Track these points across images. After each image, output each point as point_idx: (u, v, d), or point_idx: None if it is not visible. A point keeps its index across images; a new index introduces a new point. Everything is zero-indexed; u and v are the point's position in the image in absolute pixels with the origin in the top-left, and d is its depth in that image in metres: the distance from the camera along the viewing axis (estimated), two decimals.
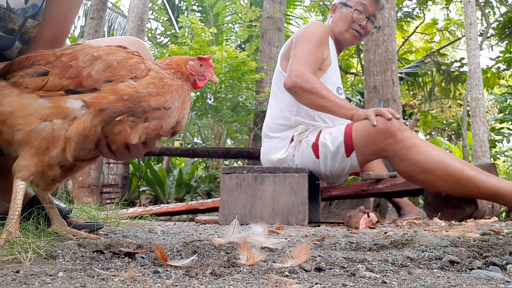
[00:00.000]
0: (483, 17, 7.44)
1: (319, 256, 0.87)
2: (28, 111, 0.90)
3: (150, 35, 10.20)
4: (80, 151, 0.96)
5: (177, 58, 1.04)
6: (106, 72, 0.92)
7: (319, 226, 1.92)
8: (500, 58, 7.87)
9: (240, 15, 7.67)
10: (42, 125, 0.90)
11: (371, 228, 1.74)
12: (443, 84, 8.67)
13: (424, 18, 8.99)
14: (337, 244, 1.14)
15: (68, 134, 0.90)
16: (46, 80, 0.92)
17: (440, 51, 9.27)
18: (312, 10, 8.58)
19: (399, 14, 8.46)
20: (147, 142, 1.00)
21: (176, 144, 5.21)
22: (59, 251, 0.84)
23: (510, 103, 6.24)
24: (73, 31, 10.53)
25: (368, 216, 1.79)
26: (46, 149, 0.91)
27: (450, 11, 8.88)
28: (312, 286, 0.60)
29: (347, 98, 7.54)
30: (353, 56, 9.35)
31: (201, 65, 1.07)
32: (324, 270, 0.72)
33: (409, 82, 8.58)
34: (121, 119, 0.92)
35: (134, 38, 1.34)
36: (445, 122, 9.14)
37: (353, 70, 9.97)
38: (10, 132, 0.91)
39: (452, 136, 9.90)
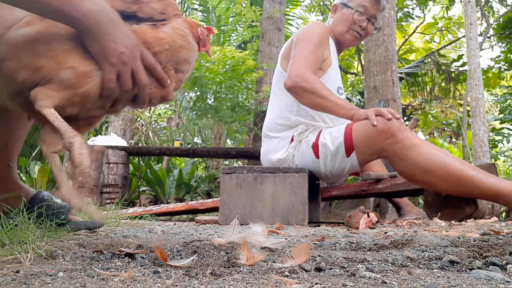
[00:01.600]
0: (483, 18, 7.43)
1: (319, 256, 0.87)
2: None
3: None
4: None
5: (190, 20, 1.06)
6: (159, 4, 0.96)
7: (319, 226, 1.92)
8: (501, 58, 7.87)
9: (241, 15, 7.68)
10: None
11: (371, 228, 1.74)
12: (443, 84, 8.67)
13: (424, 18, 8.99)
14: (337, 244, 1.14)
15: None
16: None
17: (440, 51, 9.27)
18: (312, 10, 8.57)
19: (399, 14, 8.46)
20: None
21: (176, 144, 5.20)
22: (59, 251, 0.84)
23: (510, 103, 6.24)
24: None
25: (368, 216, 1.79)
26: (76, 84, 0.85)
27: (450, 9, 8.87)
28: (312, 286, 0.60)
29: (347, 98, 7.54)
30: (353, 56, 9.35)
31: (206, 34, 1.10)
32: (324, 270, 0.72)
33: (409, 82, 8.58)
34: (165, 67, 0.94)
35: None
36: (444, 122, 9.14)
37: (353, 70, 9.97)
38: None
39: (452, 136, 9.90)
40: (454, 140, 9.73)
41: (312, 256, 0.85)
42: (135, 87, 0.90)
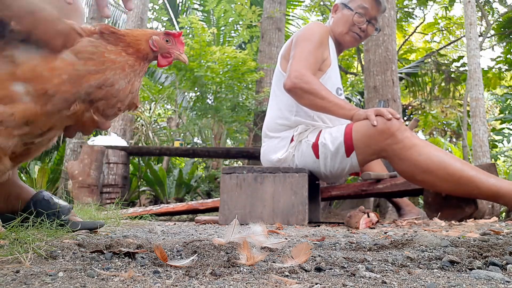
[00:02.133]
0: (483, 18, 7.44)
1: (319, 256, 0.87)
2: None
3: None
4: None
5: (139, 32, 0.92)
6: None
7: (319, 226, 1.92)
8: (501, 59, 7.87)
9: (241, 15, 7.68)
10: None
11: (371, 228, 1.74)
12: (442, 84, 8.67)
13: (424, 18, 8.99)
14: (337, 244, 1.14)
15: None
16: None
17: (440, 51, 9.27)
18: (312, 10, 8.57)
19: (399, 14, 8.46)
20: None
21: (176, 144, 5.20)
22: (59, 251, 0.84)
23: (511, 103, 6.24)
24: None
25: (368, 216, 1.79)
26: None
27: (450, 10, 8.87)
28: (312, 286, 0.60)
29: (347, 98, 7.55)
30: (353, 56, 9.35)
31: (167, 40, 0.94)
32: (324, 270, 0.72)
33: (409, 82, 8.58)
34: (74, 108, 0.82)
35: None
36: (445, 122, 9.13)
37: (353, 70, 9.97)
38: None
39: (452, 136, 9.89)
40: (454, 140, 9.73)
41: (312, 256, 0.85)
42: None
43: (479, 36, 5.98)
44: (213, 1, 7.53)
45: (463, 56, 8.27)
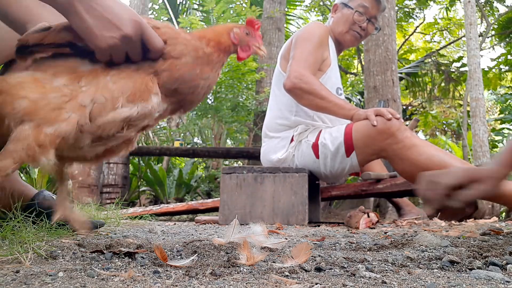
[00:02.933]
0: (483, 18, 7.43)
1: (319, 256, 0.87)
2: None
3: None
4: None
5: (221, 27, 0.93)
6: None
7: (319, 226, 1.92)
8: (501, 60, 7.87)
9: (241, 15, 7.68)
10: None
11: (371, 228, 1.74)
12: (442, 84, 8.67)
13: (424, 18, 8.99)
14: (337, 244, 1.14)
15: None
16: None
17: (440, 51, 9.27)
18: (312, 10, 8.58)
19: (399, 14, 8.46)
20: None
21: (176, 144, 5.20)
22: (59, 251, 0.84)
23: (511, 103, 6.24)
24: None
25: (368, 216, 1.79)
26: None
27: (450, 10, 8.88)
28: (312, 286, 0.60)
29: (347, 98, 7.54)
30: (353, 56, 9.35)
31: (247, 33, 0.94)
32: (324, 270, 0.72)
33: (409, 82, 8.58)
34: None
35: None
36: (445, 122, 9.14)
37: (353, 70, 9.97)
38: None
39: (452, 137, 9.90)
40: (454, 140, 9.73)
41: (312, 256, 0.85)
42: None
43: (479, 36, 5.98)
44: (211, 1, 7.52)
45: (463, 57, 8.27)
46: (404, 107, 9.59)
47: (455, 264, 0.76)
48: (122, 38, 0.78)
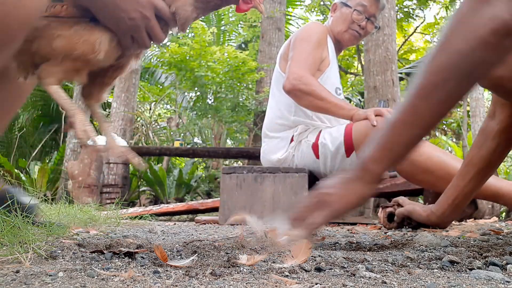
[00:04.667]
0: None
1: (319, 256, 0.87)
2: None
3: None
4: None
5: None
6: None
7: None
8: None
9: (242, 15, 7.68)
10: None
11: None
12: None
13: (425, 18, 8.99)
14: (337, 244, 1.14)
15: None
16: None
17: None
18: (312, 10, 8.57)
19: (400, 14, 8.46)
20: None
21: (176, 144, 5.20)
22: (59, 251, 0.84)
23: None
24: None
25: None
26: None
27: (450, 10, 8.87)
28: (312, 286, 0.60)
29: (347, 98, 7.55)
30: (353, 56, 9.35)
31: None
32: (324, 270, 0.72)
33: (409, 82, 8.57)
34: None
35: None
36: (445, 122, 9.12)
37: (353, 70, 9.97)
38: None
39: (452, 137, 9.89)
40: (454, 140, 9.73)
41: (312, 256, 0.85)
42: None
43: None
44: None
45: None
46: None
47: (455, 264, 0.76)
48: None
